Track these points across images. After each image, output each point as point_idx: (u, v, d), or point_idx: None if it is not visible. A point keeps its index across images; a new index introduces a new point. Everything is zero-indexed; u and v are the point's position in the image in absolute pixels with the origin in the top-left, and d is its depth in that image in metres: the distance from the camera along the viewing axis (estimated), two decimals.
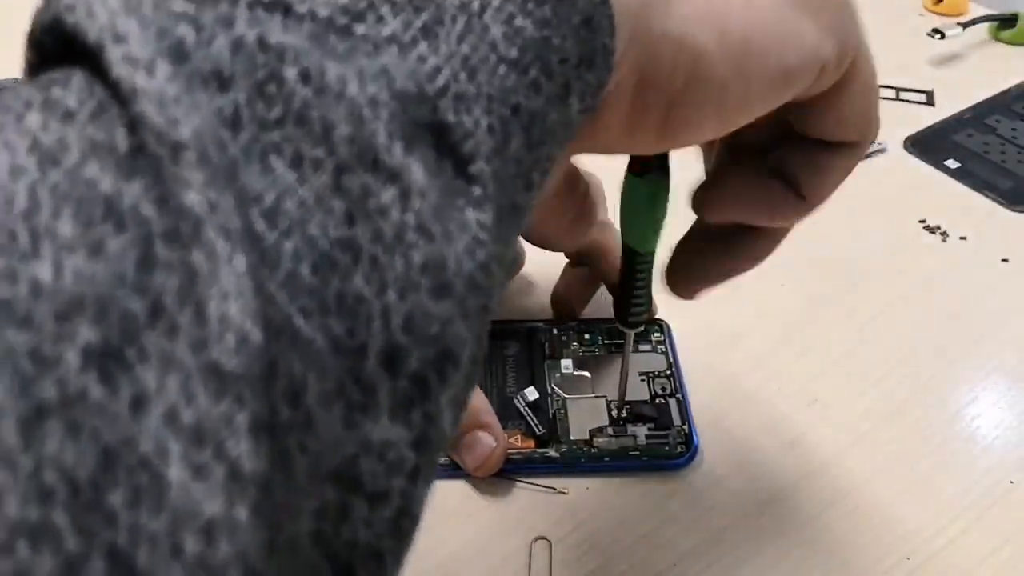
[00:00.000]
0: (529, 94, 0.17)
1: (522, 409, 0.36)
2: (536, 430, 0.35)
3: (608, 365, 0.38)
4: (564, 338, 0.39)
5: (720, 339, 0.40)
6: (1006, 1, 0.62)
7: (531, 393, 0.36)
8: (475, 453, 0.34)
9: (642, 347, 0.39)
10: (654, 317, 0.40)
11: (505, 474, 0.34)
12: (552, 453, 0.35)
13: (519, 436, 0.35)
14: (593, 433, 0.35)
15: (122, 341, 0.13)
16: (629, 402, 0.36)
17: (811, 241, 0.46)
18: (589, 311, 0.41)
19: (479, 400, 0.35)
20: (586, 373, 0.38)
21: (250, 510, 0.13)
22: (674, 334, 0.40)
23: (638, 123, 0.21)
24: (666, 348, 0.39)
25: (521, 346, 0.39)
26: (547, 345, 0.39)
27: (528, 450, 0.35)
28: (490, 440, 0.34)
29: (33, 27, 0.16)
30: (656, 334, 0.39)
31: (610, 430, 0.35)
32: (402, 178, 0.15)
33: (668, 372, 0.38)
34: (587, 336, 0.39)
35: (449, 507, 0.34)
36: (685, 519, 0.33)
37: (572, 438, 0.35)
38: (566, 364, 0.38)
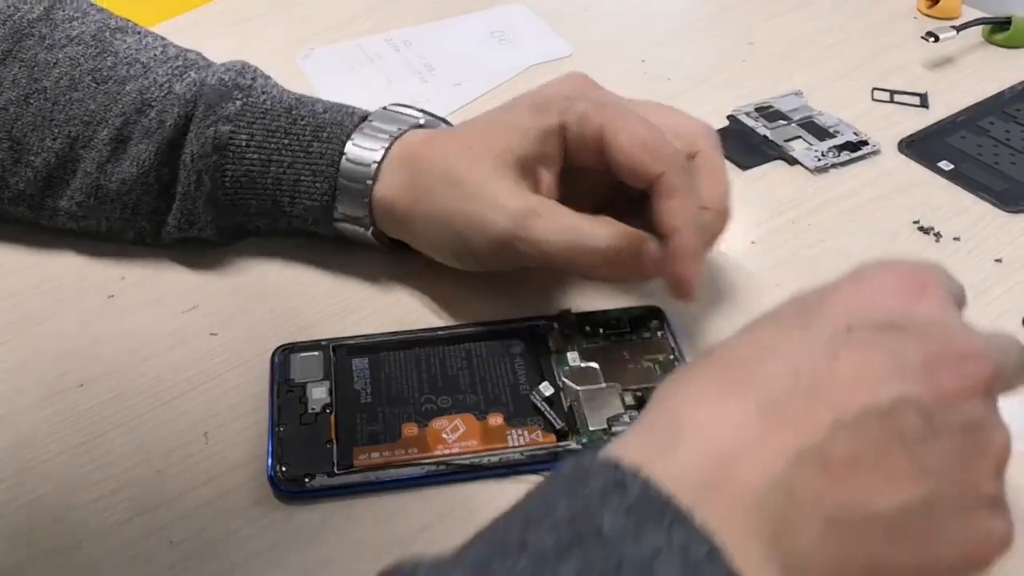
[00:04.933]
0: None
1: (539, 405, 0.36)
2: (555, 424, 0.36)
3: (614, 354, 0.39)
4: (566, 332, 0.40)
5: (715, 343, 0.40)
6: (1000, 4, 0.62)
7: (546, 388, 0.37)
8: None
9: (643, 334, 0.40)
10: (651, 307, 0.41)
11: (532, 470, 0.35)
12: (574, 445, 0.35)
13: (539, 432, 0.36)
14: (611, 421, 0.36)
15: None
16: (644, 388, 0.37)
17: (806, 242, 0.47)
18: (586, 304, 0.41)
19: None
20: (594, 364, 0.38)
21: None
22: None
23: None
24: (667, 334, 0.39)
25: (525, 344, 0.39)
26: (550, 340, 0.39)
27: (551, 445, 0.35)
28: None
29: None
30: (653, 321, 0.40)
31: (626, 417, 0.36)
32: None
33: (672, 357, 0.39)
34: (587, 328, 0.40)
35: (476, 506, 0.34)
36: None
37: (591, 428, 0.36)
38: (573, 357, 0.38)
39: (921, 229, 0.47)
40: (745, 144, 0.53)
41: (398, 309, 0.42)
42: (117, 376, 0.39)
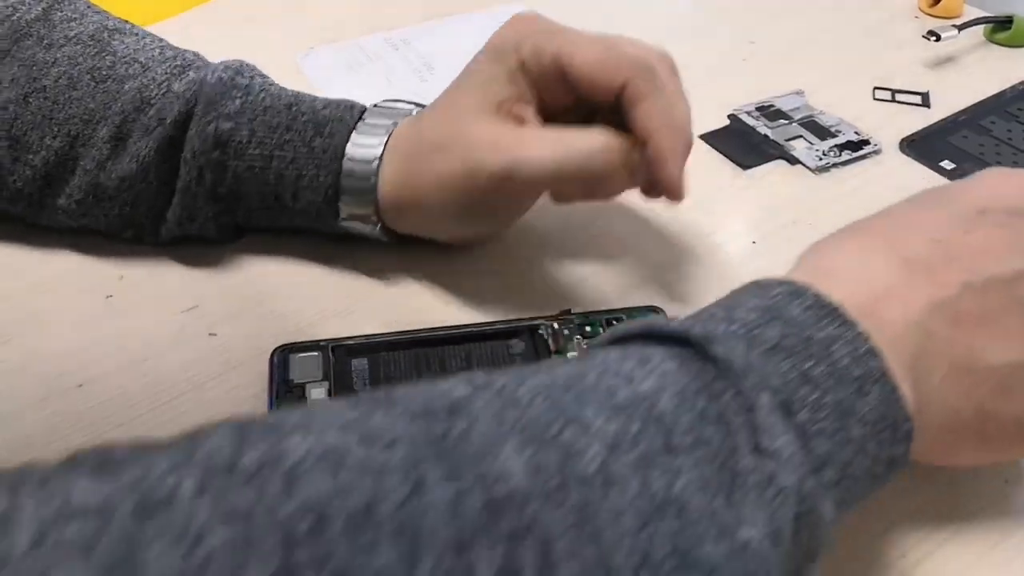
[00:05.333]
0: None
1: None
2: None
3: None
4: (566, 332, 0.39)
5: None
6: (1001, 3, 0.62)
7: None
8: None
9: None
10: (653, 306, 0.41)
11: None
12: None
13: None
14: None
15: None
16: None
17: (807, 242, 0.46)
18: (586, 304, 0.41)
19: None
20: None
21: None
22: None
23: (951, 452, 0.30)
24: None
25: (526, 343, 0.39)
26: (550, 340, 0.39)
27: None
28: None
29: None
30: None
31: None
32: None
33: None
34: (587, 328, 0.40)
35: None
36: None
37: None
38: (572, 356, 0.38)
39: None
40: (746, 143, 0.53)
41: (398, 309, 0.42)
42: (116, 376, 0.39)
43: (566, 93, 0.38)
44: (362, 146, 0.40)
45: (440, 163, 0.39)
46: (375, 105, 0.43)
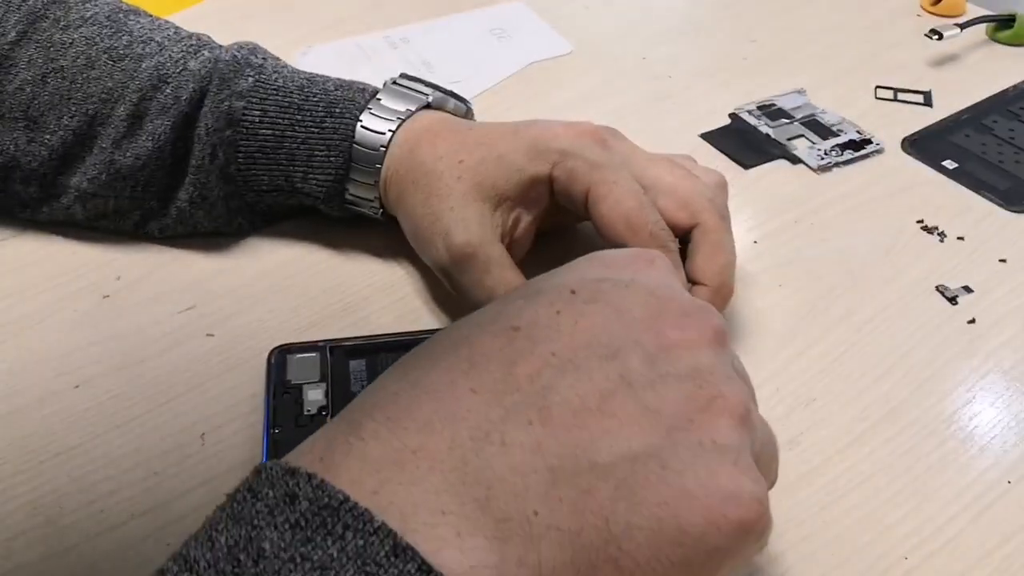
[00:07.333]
0: None
1: None
2: None
3: None
4: None
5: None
6: (1004, 2, 0.62)
7: None
8: None
9: None
10: None
11: None
12: None
13: None
14: None
15: None
16: None
17: (809, 241, 0.46)
18: None
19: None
20: None
21: None
22: None
23: None
24: None
25: None
26: None
27: None
28: None
29: None
30: None
31: None
32: None
33: None
34: None
35: None
36: None
37: None
38: None
39: (925, 228, 0.46)
40: (747, 143, 0.52)
41: (397, 310, 0.42)
42: (113, 377, 0.38)
43: (586, 217, 0.37)
44: (371, 131, 0.41)
45: (418, 204, 0.39)
46: (394, 81, 0.43)
